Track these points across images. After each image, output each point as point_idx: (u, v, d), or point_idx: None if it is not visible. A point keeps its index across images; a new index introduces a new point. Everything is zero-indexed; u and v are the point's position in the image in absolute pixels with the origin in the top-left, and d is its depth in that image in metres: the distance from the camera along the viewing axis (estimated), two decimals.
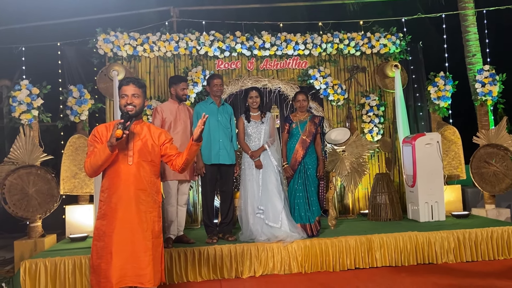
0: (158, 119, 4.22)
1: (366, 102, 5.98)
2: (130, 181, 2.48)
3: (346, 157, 5.08)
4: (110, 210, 2.46)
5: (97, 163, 2.42)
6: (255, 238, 4.11)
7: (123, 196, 2.47)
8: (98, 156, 2.41)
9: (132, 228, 2.46)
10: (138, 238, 2.46)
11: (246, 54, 5.88)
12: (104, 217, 2.48)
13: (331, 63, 6.07)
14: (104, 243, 2.44)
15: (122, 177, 2.47)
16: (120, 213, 2.46)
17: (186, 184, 4.33)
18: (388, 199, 5.15)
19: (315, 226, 4.29)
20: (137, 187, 2.49)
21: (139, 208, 2.50)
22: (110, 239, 2.43)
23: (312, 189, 4.39)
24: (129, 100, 2.53)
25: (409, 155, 5.10)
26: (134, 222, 2.47)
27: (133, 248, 2.44)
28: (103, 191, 2.51)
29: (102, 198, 2.52)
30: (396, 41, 6.08)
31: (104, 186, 2.50)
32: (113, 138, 2.35)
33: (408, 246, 4.16)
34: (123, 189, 2.47)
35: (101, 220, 2.49)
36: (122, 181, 2.47)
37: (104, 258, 2.42)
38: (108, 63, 5.63)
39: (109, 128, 2.55)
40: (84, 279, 3.78)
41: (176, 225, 4.24)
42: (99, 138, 2.51)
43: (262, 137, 4.35)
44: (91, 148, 2.48)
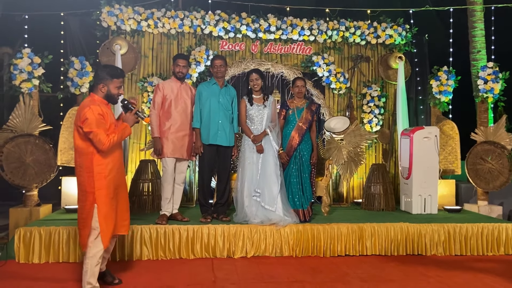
0: (159, 95, 4.19)
1: (367, 92, 5.96)
2: (121, 154, 3.09)
3: (344, 146, 5.09)
4: (113, 177, 2.95)
5: (120, 140, 2.96)
6: (249, 220, 4.14)
7: (120, 166, 3.05)
8: (122, 135, 2.95)
9: (124, 189, 3.13)
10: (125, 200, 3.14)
11: (251, 36, 5.82)
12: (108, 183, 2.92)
13: (336, 51, 6.02)
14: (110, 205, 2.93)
15: (118, 151, 3.04)
16: (118, 177, 3.01)
17: (184, 162, 4.32)
18: (382, 190, 5.17)
19: (307, 211, 4.32)
20: (122, 156, 3.13)
21: (124, 176, 3.17)
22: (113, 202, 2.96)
23: (306, 176, 4.41)
24: (121, 91, 3.01)
25: (407, 148, 5.10)
26: (123, 185, 3.12)
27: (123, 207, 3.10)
28: (105, 163, 2.91)
29: (101, 170, 2.90)
30: (402, 32, 6.02)
31: (106, 160, 2.92)
32: (133, 121, 3.01)
33: (398, 237, 4.20)
34: (119, 159, 3.05)
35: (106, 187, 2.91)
36: (118, 155, 3.03)
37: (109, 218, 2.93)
38: (111, 36, 5.57)
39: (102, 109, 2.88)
40: (77, 249, 3.81)
41: (172, 203, 4.25)
42: (104, 117, 2.88)
43: (264, 121, 4.32)
44: (104, 126, 2.85)
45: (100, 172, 2.89)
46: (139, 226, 3.96)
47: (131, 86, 5.68)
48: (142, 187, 4.88)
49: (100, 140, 2.83)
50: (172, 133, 4.16)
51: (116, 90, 2.98)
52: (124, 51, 5.45)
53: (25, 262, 3.77)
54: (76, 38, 5.63)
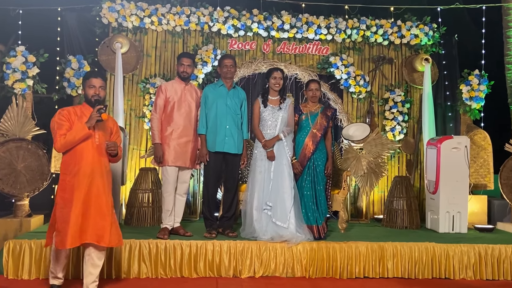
0: (161, 98, 4.22)
1: (390, 97, 5.94)
2: (97, 157, 3.23)
3: (363, 156, 5.07)
4: (78, 182, 3.16)
5: (74, 140, 3.14)
6: (258, 236, 4.12)
7: (91, 170, 3.19)
8: (75, 134, 3.14)
9: (99, 196, 3.22)
10: (103, 205, 3.23)
11: (263, 34, 5.85)
12: (71, 187, 3.15)
13: (355, 52, 6.02)
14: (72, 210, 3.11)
15: (90, 154, 3.20)
16: (89, 183, 3.18)
17: (187, 171, 4.34)
18: (405, 205, 5.13)
19: (322, 228, 4.30)
20: (103, 162, 3.28)
21: (103, 180, 3.26)
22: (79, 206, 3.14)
23: (320, 188, 4.39)
24: (96, 91, 3.28)
25: (433, 159, 5.06)
26: (100, 191, 3.23)
27: (96, 215, 3.20)
28: (69, 164, 3.19)
29: (67, 171, 3.19)
30: (429, 32, 6.00)
31: (71, 160, 3.18)
32: (94, 119, 3.15)
33: (423, 258, 4.15)
34: (91, 163, 3.20)
35: (68, 190, 3.16)
36: (90, 157, 3.20)
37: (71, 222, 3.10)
38: (112, 34, 5.64)
39: (73, 111, 3.25)
40: (71, 265, 3.83)
41: (173, 216, 4.26)
42: (67, 119, 3.19)
43: (278, 125, 4.32)
44: (63, 127, 3.15)
45: (65, 173, 3.20)
46: (138, 241, 3.97)
47: (132, 87, 5.74)
48: (142, 197, 4.91)
49: (54, 140, 3.17)
50: (174, 139, 4.18)
51: (89, 90, 3.29)
52: (125, 49, 5.52)
53: (14, 277, 3.80)
54: (74, 35, 5.70)
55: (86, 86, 3.30)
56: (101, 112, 3.16)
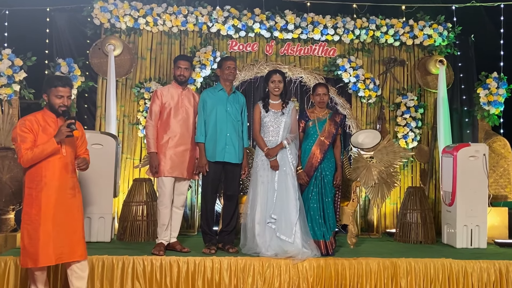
0: (156, 104, 4.24)
1: (402, 101, 5.94)
2: (64, 170, 3.26)
3: (374, 165, 5.07)
4: (45, 196, 3.16)
5: (41, 155, 3.14)
6: (261, 251, 4.11)
7: (59, 183, 3.21)
8: (43, 149, 3.13)
9: (68, 210, 3.25)
10: (73, 220, 3.27)
11: (265, 35, 5.88)
12: (38, 202, 3.16)
13: (364, 53, 6.04)
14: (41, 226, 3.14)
15: (57, 167, 3.22)
16: (56, 197, 3.19)
17: (184, 183, 4.34)
18: (420, 218, 5.12)
19: (330, 243, 4.29)
20: (70, 174, 3.30)
21: (74, 193, 3.30)
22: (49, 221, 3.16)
23: (328, 200, 4.39)
24: (64, 102, 3.25)
25: (449, 168, 5.05)
26: (69, 205, 3.26)
27: (69, 229, 3.24)
28: (34, 178, 3.19)
29: (33, 185, 3.18)
30: (443, 32, 6.01)
31: (38, 174, 3.18)
32: (64, 134, 3.14)
33: (440, 275, 4.12)
34: (59, 176, 3.22)
35: (35, 205, 3.16)
36: (58, 170, 3.21)
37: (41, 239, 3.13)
38: (104, 35, 5.68)
39: (35, 120, 3.21)
40: (59, 283, 3.82)
41: (169, 230, 4.25)
42: (30, 130, 3.16)
43: (281, 131, 4.32)
44: (27, 140, 3.14)
45: (30, 187, 3.21)
46: (131, 257, 3.96)
47: (125, 92, 5.77)
48: (136, 210, 4.90)
49: (17, 154, 3.18)
50: (171, 148, 4.19)
51: (56, 99, 3.24)
52: (119, 52, 5.55)
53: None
54: (64, 37, 5.73)
55: (52, 94, 3.24)
56: (72, 128, 3.16)
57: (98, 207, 4.65)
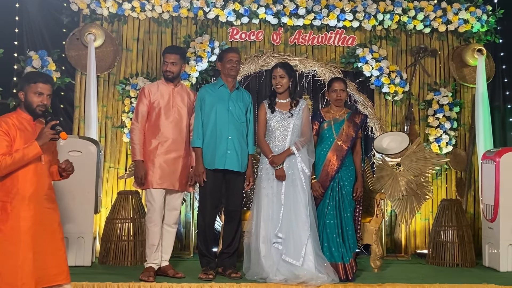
0: (144, 103, 4.26)
1: (434, 98, 5.94)
2: (43, 180, 3.24)
3: (401, 174, 5.06)
4: (24, 210, 3.13)
5: (22, 161, 3.12)
6: (268, 276, 4.10)
7: (37, 194, 3.19)
8: (24, 153, 3.11)
9: (48, 227, 3.23)
10: (55, 237, 3.25)
11: (272, 22, 5.89)
12: (15, 217, 3.11)
13: (389, 42, 6.05)
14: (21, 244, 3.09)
15: (35, 177, 3.20)
16: (36, 212, 3.17)
17: (177, 196, 4.35)
18: (456, 237, 5.12)
19: (350, 266, 4.29)
20: (48, 185, 3.29)
21: (53, 206, 3.30)
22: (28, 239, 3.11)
23: (347, 215, 4.39)
24: (44, 101, 3.25)
25: (491, 177, 5.06)
26: (49, 221, 3.24)
27: (51, 247, 3.21)
28: (10, 190, 3.15)
29: (8, 199, 3.14)
30: (482, 16, 6.01)
31: (13, 186, 3.15)
32: (48, 137, 3.12)
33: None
34: (38, 187, 3.20)
35: (11, 221, 3.11)
36: (36, 181, 3.20)
37: (20, 260, 3.07)
38: (83, 23, 5.71)
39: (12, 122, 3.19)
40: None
41: (160, 252, 4.25)
42: (6, 133, 3.14)
43: (289, 135, 4.33)
44: (3, 143, 3.11)
45: (5, 201, 3.15)
46: (115, 284, 3.97)
47: (108, 89, 5.79)
48: (120, 229, 4.91)
49: None
50: (160, 155, 4.20)
51: (34, 97, 3.23)
52: (100, 42, 5.58)
53: None
54: (36, 26, 5.75)
55: (31, 91, 3.24)
56: (58, 130, 3.14)
57: (77, 225, 4.66)
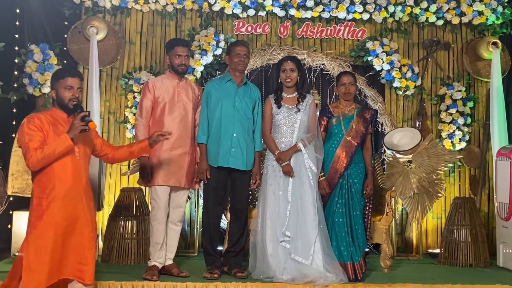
0: (148, 98, 4.27)
1: (447, 93, 5.93)
2: (80, 175, 3.34)
3: (412, 171, 5.06)
4: (58, 206, 3.23)
5: (53, 154, 3.18)
6: (274, 275, 4.12)
7: (74, 190, 3.30)
8: (55, 147, 3.17)
9: (82, 222, 3.33)
10: (84, 234, 3.34)
11: (279, 14, 5.90)
12: (50, 213, 3.21)
13: (400, 35, 6.04)
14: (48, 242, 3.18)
15: (70, 171, 3.29)
16: (71, 208, 3.28)
17: (182, 193, 4.37)
18: (470, 236, 5.12)
19: (359, 266, 4.30)
20: (85, 181, 3.39)
21: (88, 203, 3.39)
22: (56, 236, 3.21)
23: (357, 214, 4.40)
24: (75, 94, 3.35)
25: (506, 174, 5.05)
26: (82, 217, 3.33)
27: (81, 243, 3.32)
28: (46, 186, 3.24)
29: (43, 195, 3.23)
30: (497, 8, 5.98)
31: (50, 181, 3.24)
32: (78, 129, 3.18)
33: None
34: (73, 183, 3.29)
35: (46, 217, 3.21)
36: (71, 176, 3.29)
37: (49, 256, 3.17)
38: (85, 16, 5.74)
39: (45, 119, 3.29)
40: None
41: (164, 250, 4.28)
42: (39, 128, 3.24)
43: (296, 131, 4.35)
44: (35, 139, 3.20)
45: (40, 197, 3.26)
46: (118, 283, 3.99)
47: (110, 84, 5.82)
48: (124, 227, 4.95)
49: (25, 155, 3.21)
50: (166, 151, 4.23)
51: (65, 92, 3.34)
52: (102, 36, 5.60)
53: None
54: (37, 19, 5.76)
55: (61, 87, 3.33)
56: (87, 120, 3.20)
57: None
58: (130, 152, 3.70)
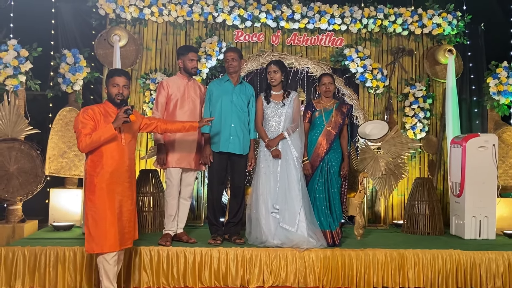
0: (163, 95, 4.25)
1: (410, 92, 5.93)
2: (124, 158, 3.39)
3: (381, 156, 5.07)
4: (106, 183, 3.30)
5: (99, 140, 3.24)
6: (267, 239, 4.15)
7: (119, 170, 3.36)
8: (101, 134, 3.23)
9: (128, 197, 3.43)
10: (133, 207, 3.49)
11: (271, 25, 5.87)
12: (100, 189, 3.29)
13: (372, 43, 6.03)
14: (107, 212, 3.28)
15: (116, 155, 3.35)
16: (118, 185, 3.36)
17: (191, 173, 4.37)
18: (428, 209, 5.13)
19: (336, 234, 4.32)
20: (128, 163, 3.43)
21: (131, 181, 3.48)
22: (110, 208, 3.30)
23: (335, 191, 4.42)
24: (120, 90, 3.39)
25: (458, 159, 5.06)
26: (128, 193, 3.44)
27: (129, 215, 3.44)
28: (96, 166, 3.31)
29: (94, 173, 3.31)
30: (452, 20, 5.98)
31: (99, 162, 3.31)
32: (121, 120, 3.22)
33: (448, 266, 4.14)
34: (119, 164, 3.36)
35: (98, 192, 3.29)
36: (117, 158, 3.35)
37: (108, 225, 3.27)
38: (109, 26, 5.70)
39: (98, 110, 3.35)
40: (66, 273, 3.88)
41: (176, 221, 4.30)
42: (92, 118, 3.28)
43: (282, 122, 4.35)
44: (87, 126, 3.25)
45: (92, 175, 3.32)
46: (138, 248, 4.00)
47: (131, 83, 5.74)
48: (142, 201, 4.95)
49: (77, 139, 3.27)
50: (178, 139, 4.23)
51: (113, 89, 3.39)
52: (124, 42, 5.57)
53: (6, 287, 3.86)
54: (69, 28, 5.76)
55: (110, 84, 3.40)
56: (128, 113, 3.24)
57: None
58: (182, 126, 3.77)
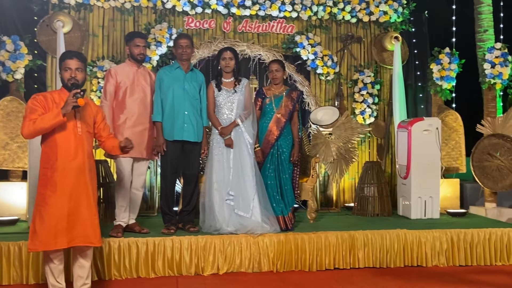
0: (111, 83, 4.12)
1: (359, 78, 6.03)
2: (82, 149, 3.12)
3: (332, 141, 5.12)
4: (60, 177, 3.04)
5: (44, 127, 2.98)
6: (221, 228, 4.14)
7: (75, 162, 3.09)
8: (47, 120, 2.96)
9: (84, 193, 3.12)
10: (90, 203, 3.14)
11: (222, 12, 5.79)
12: (53, 183, 3.04)
13: (322, 30, 6.07)
14: (54, 208, 3.02)
15: (73, 146, 3.09)
16: (73, 179, 3.07)
17: (143, 163, 4.28)
18: (377, 192, 5.25)
19: (289, 219, 4.36)
20: (87, 155, 3.16)
21: (90, 175, 3.18)
22: (62, 204, 3.04)
23: (286, 176, 4.44)
24: (73, 74, 3.13)
25: (404, 142, 5.18)
26: (85, 188, 3.13)
27: (86, 211, 3.13)
28: (50, 158, 3.07)
29: (47, 165, 3.07)
30: (398, 8, 6.10)
31: (52, 153, 3.06)
32: (70, 105, 2.94)
33: (395, 246, 4.27)
34: (75, 156, 3.08)
35: (50, 186, 3.04)
36: (73, 150, 3.08)
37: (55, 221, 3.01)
38: (52, 11, 5.44)
39: (51, 97, 3.12)
40: (12, 269, 3.72)
41: (128, 212, 4.20)
42: (42, 105, 3.05)
43: (234, 109, 4.32)
44: (35, 112, 3.01)
45: (45, 167, 3.09)
46: None
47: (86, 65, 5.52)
48: None
49: (22, 125, 3.04)
50: (129, 128, 4.11)
51: (65, 73, 3.15)
52: (68, 29, 5.34)
53: None
54: (8, 13, 5.48)
55: (62, 69, 3.15)
56: (77, 96, 2.97)
57: None
58: (112, 147, 3.36)
